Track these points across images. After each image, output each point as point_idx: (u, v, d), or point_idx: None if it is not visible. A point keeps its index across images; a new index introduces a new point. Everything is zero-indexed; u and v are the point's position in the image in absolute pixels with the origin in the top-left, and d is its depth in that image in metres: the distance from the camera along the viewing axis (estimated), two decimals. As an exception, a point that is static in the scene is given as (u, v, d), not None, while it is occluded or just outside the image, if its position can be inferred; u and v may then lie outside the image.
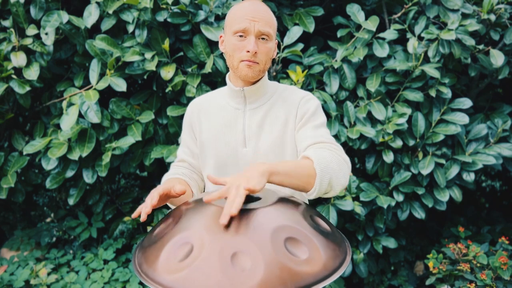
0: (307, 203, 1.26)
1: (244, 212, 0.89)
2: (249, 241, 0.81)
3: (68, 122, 2.31)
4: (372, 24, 2.51)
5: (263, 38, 1.20)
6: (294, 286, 0.77)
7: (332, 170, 1.08)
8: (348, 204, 2.41)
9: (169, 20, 2.33)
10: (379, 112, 2.51)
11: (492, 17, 2.54)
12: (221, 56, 2.40)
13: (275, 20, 1.26)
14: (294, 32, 2.48)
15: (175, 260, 0.82)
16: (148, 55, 2.32)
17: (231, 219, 0.86)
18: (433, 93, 2.53)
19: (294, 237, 0.85)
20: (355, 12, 2.59)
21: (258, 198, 0.99)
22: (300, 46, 2.49)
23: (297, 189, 1.07)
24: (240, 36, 1.19)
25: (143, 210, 0.98)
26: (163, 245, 0.87)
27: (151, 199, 1.02)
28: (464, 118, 2.56)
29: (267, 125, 1.29)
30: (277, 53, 2.48)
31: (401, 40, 2.71)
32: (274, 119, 1.29)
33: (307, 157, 1.11)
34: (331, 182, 1.08)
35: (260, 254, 0.79)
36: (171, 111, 2.41)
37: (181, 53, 2.43)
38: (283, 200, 0.98)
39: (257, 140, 1.28)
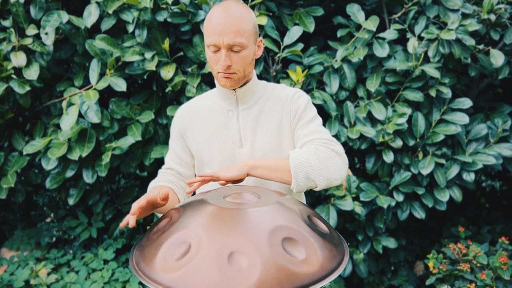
0: (305, 203, 1.26)
1: (242, 212, 0.89)
2: (247, 241, 0.81)
3: (68, 122, 2.31)
4: (372, 24, 2.50)
5: (235, 49, 1.18)
6: (291, 286, 0.77)
7: (309, 166, 1.15)
8: (348, 204, 2.40)
9: (169, 20, 2.33)
10: (379, 112, 2.51)
11: (492, 17, 2.54)
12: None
13: (250, 23, 1.19)
14: (294, 32, 2.48)
15: (172, 259, 0.82)
16: (148, 55, 2.32)
17: (230, 218, 0.86)
18: (433, 93, 2.52)
19: (291, 237, 0.85)
20: (355, 12, 2.59)
21: (257, 198, 0.99)
22: (300, 46, 2.49)
23: (281, 182, 1.17)
24: (213, 49, 1.18)
25: (130, 222, 1.00)
26: (160, 244, 0.87)
27: (132, 210, 1.03)
28: (464, 118, 2.55)
29: (261, 124, 1.30)
30: (277, 53, 2.48)
31: (401, 40, 2.71)
32: (268, 117, 1.30)
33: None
34: (309, 177, 1.15)
35: (257, 254, 0.79)
36: (171, 111, 2.41)
37: (181, 53, 2.43)
38: (281, 201, 0.98)
39: (253, 140, 1.29)
